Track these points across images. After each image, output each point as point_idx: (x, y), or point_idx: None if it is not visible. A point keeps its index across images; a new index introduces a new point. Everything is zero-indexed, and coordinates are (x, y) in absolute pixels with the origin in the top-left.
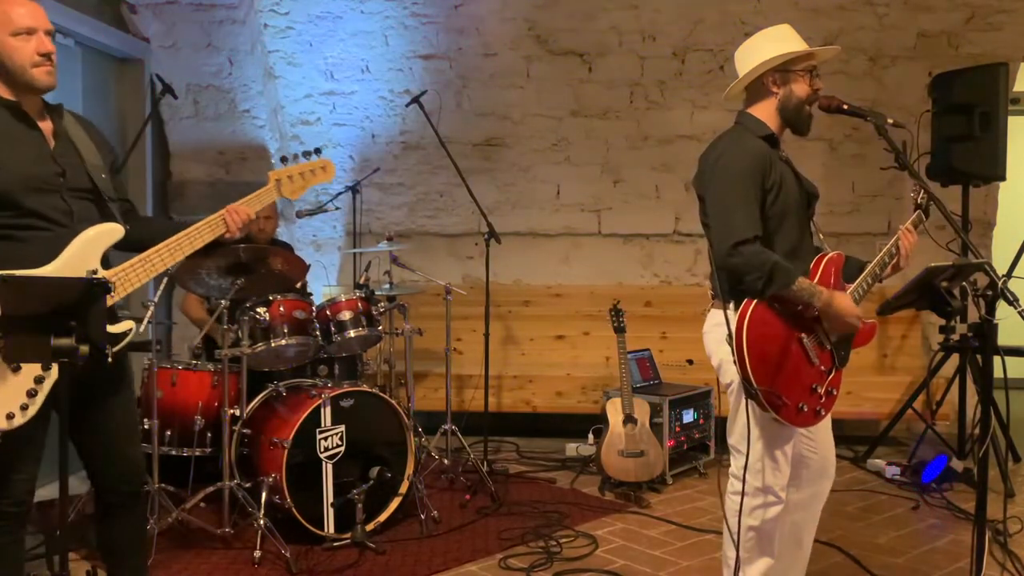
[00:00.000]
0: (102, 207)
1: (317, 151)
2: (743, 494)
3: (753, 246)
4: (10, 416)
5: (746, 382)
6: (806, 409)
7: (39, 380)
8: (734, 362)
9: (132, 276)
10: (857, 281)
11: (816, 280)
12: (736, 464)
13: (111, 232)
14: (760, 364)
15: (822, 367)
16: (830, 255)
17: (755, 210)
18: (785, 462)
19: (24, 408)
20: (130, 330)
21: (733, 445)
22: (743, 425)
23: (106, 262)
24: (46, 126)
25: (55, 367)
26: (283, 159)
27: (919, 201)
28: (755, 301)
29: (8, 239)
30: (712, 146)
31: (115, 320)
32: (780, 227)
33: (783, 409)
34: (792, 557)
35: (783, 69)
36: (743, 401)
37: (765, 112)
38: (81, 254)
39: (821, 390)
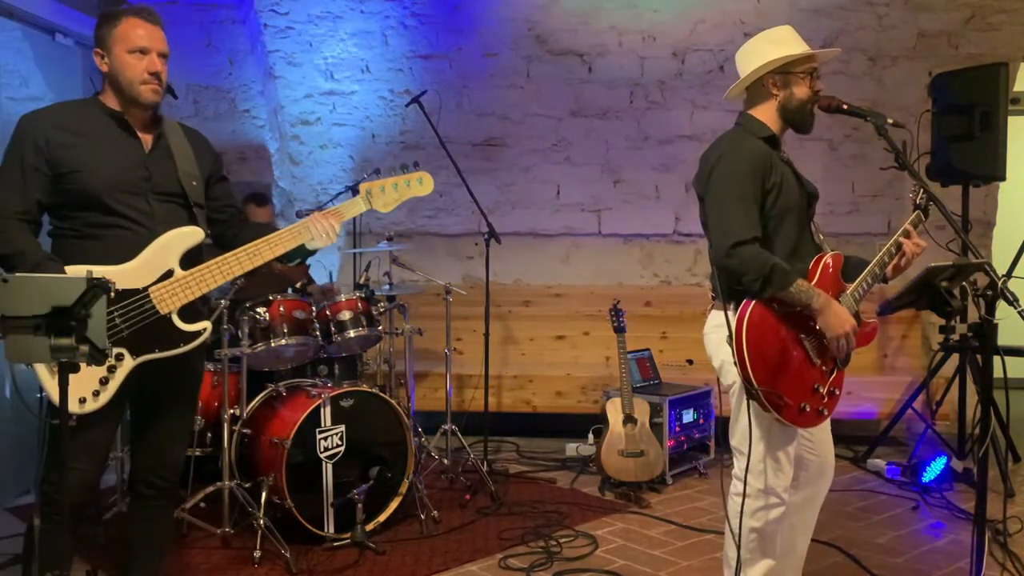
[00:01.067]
0: (189, 211)
1: (416, 164)
2: (744, 496)
3: (751, 247)
4: (82, 400)
5: (747, 383)
6: (808, 409)
7: (112, 369)
8: (735, 363)
9: (208, 277)
10: (856, 281)
11: (815, 281)
12: (739, 466)
13: (190, 234)
14: (760, 364)
15: (823, 367)
16: (828, 256)
17: (755, 211)
18: (787, 463)
19: (96, 395)
20: (204, 330)
21: (735, 447)
22: (745, 426)
23: (191, 261)
24: (148, 136)
25: (127, 356)
26: (376, 171)
27: (918, 201)
28: (754, 301)
29: (93, 238)
30: (713, 147)
31: (195, 318)
32: (780, 227)
33: (785, 409)
34: (786, 560)
35: (783, 71)
36: (744, 402)
37: (766, 113)
38: (159, 255)
39: (823, 390)
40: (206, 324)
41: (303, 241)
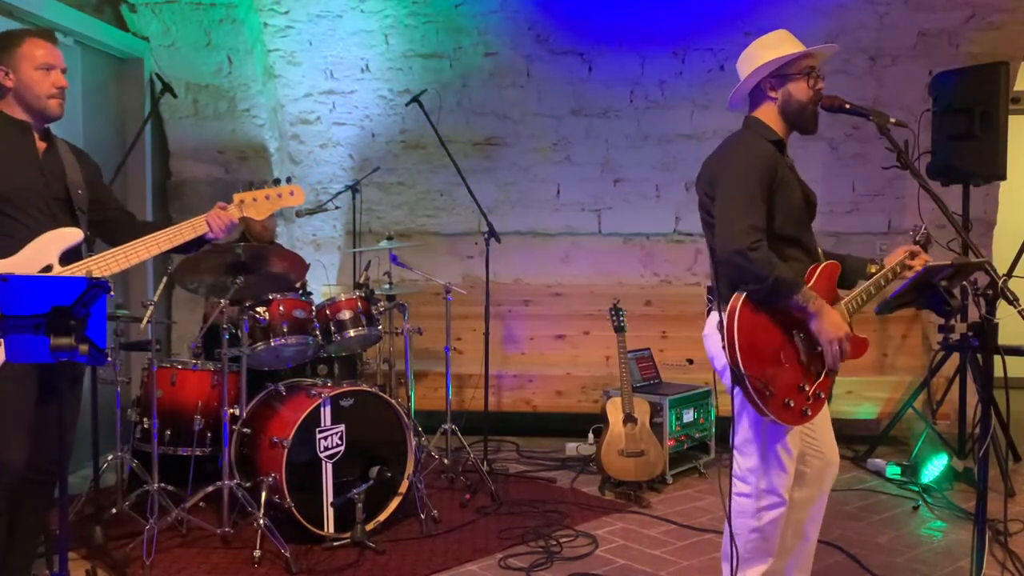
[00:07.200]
0: (72, 215)
1: (288, 179)
2: (729, 495)
3: (760, 251)
4: None
5: (734, 367)
6: (792, 406)
7: None
8: (723, 347)
9: (111, 262)
10: (852, 295)
11: (810, 285)
12: (738, 466)
13: (70, 235)
14: (749, 350)
15: (812, 368)
16: (824, 265)
17: (763, 211)
18: (788, 462)
19: None
20: None
21: (736, 447)
22: (746, 427)
23: (68, 261)
24: (43, 145)
25: None
26: (251, 184)
27: (918, 239)
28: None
29: (7, 235)
30: (721, 148)
31: None
32: (784, 228)
33: (770, 401)
34: (796, 548)
35: (779, 74)
36: (746, 403)
37: (769, 117)
38: (40, 249)
39: (809, 391)
40: None
41: (201, 233)
